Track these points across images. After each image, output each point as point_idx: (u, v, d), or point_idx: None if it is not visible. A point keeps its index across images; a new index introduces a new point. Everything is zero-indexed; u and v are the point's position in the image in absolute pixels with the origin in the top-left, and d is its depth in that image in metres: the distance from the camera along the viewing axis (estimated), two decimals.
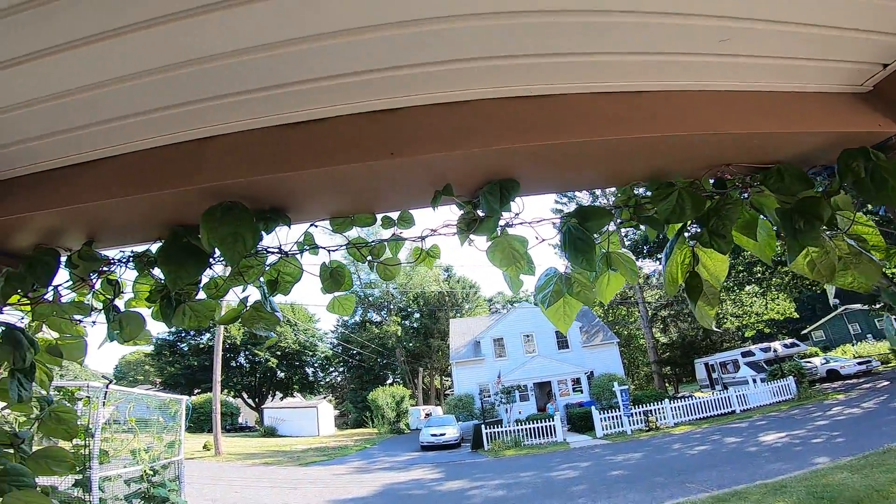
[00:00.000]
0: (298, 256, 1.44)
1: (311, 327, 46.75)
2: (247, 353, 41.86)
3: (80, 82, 1.06)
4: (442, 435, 21.19)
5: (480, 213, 1.33)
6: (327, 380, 50.45)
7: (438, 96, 1.25)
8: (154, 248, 1.45)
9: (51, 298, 1.42)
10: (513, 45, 1.10)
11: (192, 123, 1.22)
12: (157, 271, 1.45)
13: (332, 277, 1.47)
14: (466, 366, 29.25)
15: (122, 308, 1.47)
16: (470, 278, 51.97)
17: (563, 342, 27.75)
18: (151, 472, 6.25)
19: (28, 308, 1.44)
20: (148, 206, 1.26)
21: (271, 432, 33.49)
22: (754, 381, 20.60)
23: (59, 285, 1.41)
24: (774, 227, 1.39)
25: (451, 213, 1.38)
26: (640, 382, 39.02)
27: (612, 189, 1.53)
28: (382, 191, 1.36)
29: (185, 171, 1.22)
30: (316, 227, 1.45)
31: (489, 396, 26.25)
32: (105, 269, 1.42)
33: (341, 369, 49.42)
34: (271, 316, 1.44)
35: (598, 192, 27.39)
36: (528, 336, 28.44)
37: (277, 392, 45.61)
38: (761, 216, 1.36)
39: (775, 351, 23.62)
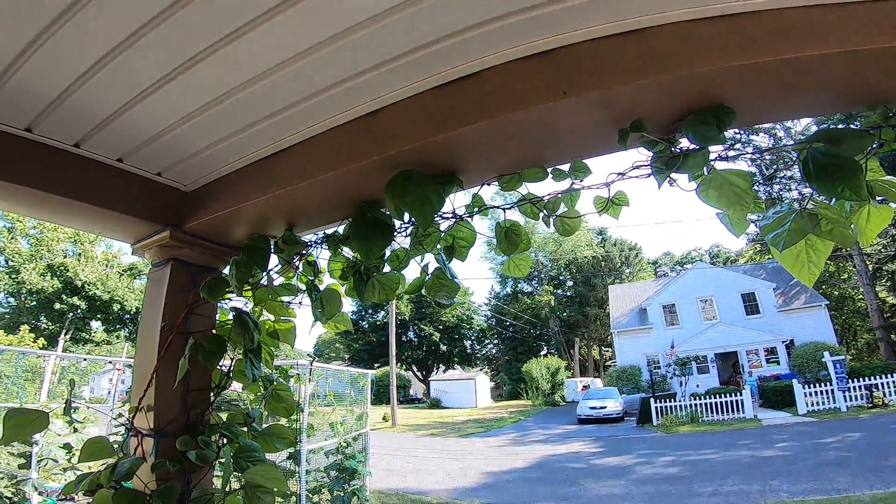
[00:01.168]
0: (469, 220, 1.42)
1: (467, 301, 48.33)
2: (415, 327, 45.45)
3: (276, 59, 1.14)
4: (602, 408, 20.12)
5: (678, 149, 1.13)
6: (483, 352, 52.21)
7: (613, 27, 1.08)
8: (341, 229, 1.52)
9: (265, 282, 1.58)
10: None
11: (362, 97, 1.25)
12: (346, 251, 1.52)
13: (508, 238, 1.42)
14: (630, 335, 27.04)
15: (321, 288, 1.57)
16: (629, 240, 47.62)
17: (752, 307, 23.68)
18: (345, 444, 6.76)
19: (249, 293, 1.59)
20: (334, 186, 1.35)
21: (436, 403, 36.05)
22: None
23: (270, 270, 1.57)
24: None
25: (627, 158, 1.23)
26: (860, 352, 31.37)
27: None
28: (553, 138, 1.25)
29: (362, 145, 1.27)
30: (487, 185, 1.40)
31: (658, 368, 23.70)
32: (304, 252, 1.55)
33: (496, 341, 50.62)
34: (452, 283, 1.44)
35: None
36: (705, 301, 24.99)
37: (441, 365, 48.94)
38: None
39: None
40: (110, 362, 7.96)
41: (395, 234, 1.38)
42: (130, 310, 27.36)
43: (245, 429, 1.55)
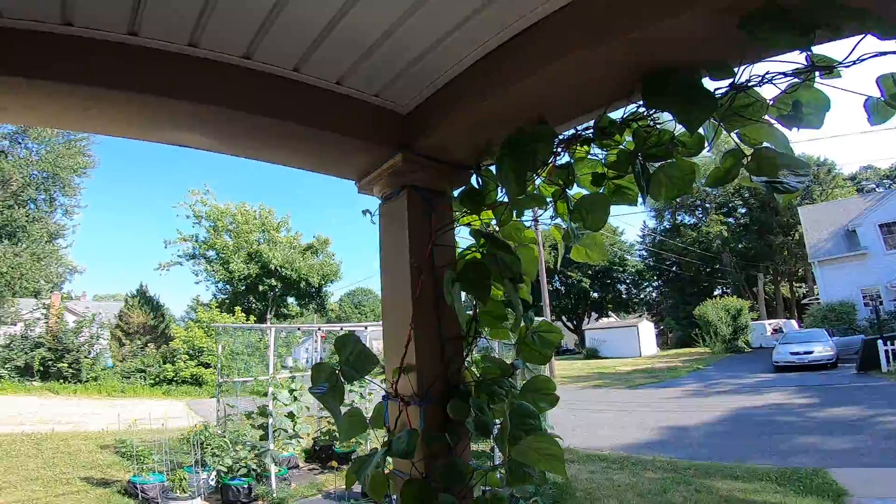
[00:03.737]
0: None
1: (618, 241, 45.47)
2: (560, 276, 44.59)
3: None
4: (807, 353, 17.34)
5: None
6: (641, 296, 49.05)
7: None
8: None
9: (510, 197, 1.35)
10: None
11: None
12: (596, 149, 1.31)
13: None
14: (836, 264, 22.74)
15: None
16: (817, 155, 39.51)
17: None
18: None
19: (491, 215, 1.43)
20: (604, 58, 1.08)
21: (593, 354, 34.92)
22: None
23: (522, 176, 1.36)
24: None
25: None
26: None
27: None
28: None
29: None
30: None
31: (881, 303, 19.58)
32: (559, 150, 1.31)
33: (656, 283, 46.80)
34: (795, 158, 1.08)
35: None
36: None
37: (593, 313, 47.54)
38: None
39: None
40: (318, 328, 9.23)
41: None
42: (315, 285, 31.57)
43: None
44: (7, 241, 22.07)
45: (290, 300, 32.17)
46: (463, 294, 1.28)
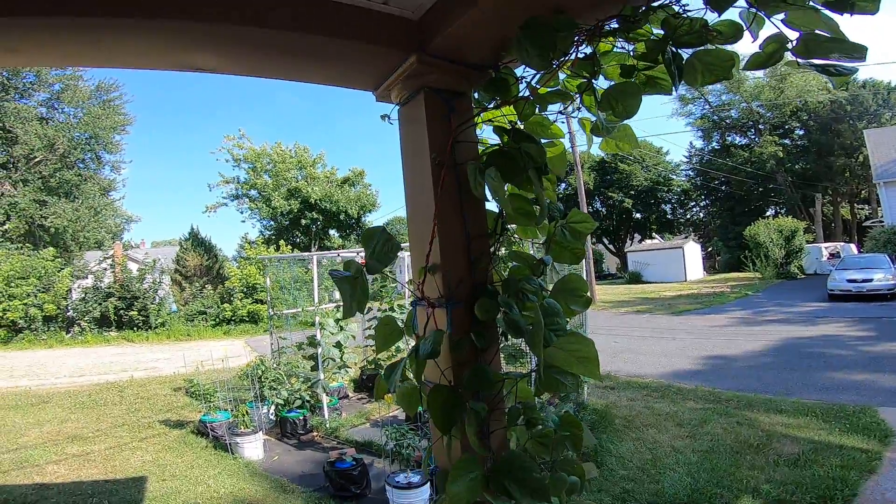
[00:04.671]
0: None
1: (662, 161, 43.46)
2: (601, 197, 43.37)
3: None
4: (866, 281, 16.33)
5: None
6: (687, 216, 47.16)
7: None
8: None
9: (528, 93, 1.29)
10: None
11: None
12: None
13: None
14: None
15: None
16: (885, 80, 36.13)
17: None
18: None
19: (512, 111, 1.36)
20: None
21: (636, 278, 34.11)
22: None
23: (535, 76, 1.28)
24: None
25: None
26: None
27: None
28: None
29: None
30: None
31: None
32: (580, 39, 1.20)
33: (704, 203, 44.76)
34: (849, 42, 0.94)
35: None
36: None
37: (636, 234, 46.37)
38: None
39: None
40: (358, 254, 9.46)
41: None
42: (353, 216, 32.70)
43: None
44: (65, 200, 24.57)
45: (332, 232, 33.45)
46: (487, 192, 1.24)
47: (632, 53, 1.22)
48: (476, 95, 1.49)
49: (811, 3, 0.96)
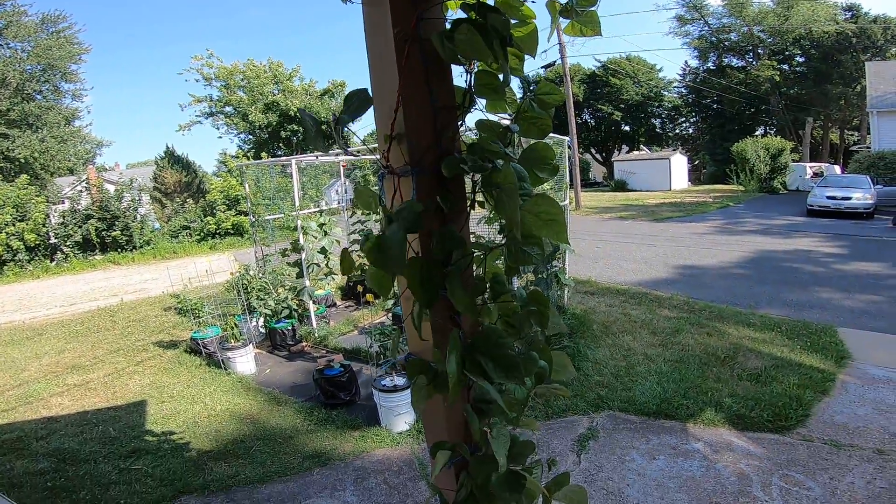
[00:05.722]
0: None
1: (655, 77, 42.25)
2: (590, 108, 42.69)
3: None
4: (845, 199, 16.56)
5: None
6: (676, 131, 46.87)
7: None
8: None
9: None
10: None
11: None
12: None
13: None
14: None
15: None
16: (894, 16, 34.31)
17: None
18: None
19: None
20: None
21: (621, 186, 34.30)
22: None
23: None
24: None
25: None
26: None
27: None
28: None
29: None
30: None
31: None
32: None
33: (694, 119, 44.28)
34: None
35: None
36: None
37: (623, 146, 46.22)
38: None
39: None
40: (339, 159, 9.22)
41: None
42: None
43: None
44: (29, 131, 24.87)
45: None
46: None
47: None
48: None
49: None
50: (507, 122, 1.33)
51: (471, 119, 1.34)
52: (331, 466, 3.95)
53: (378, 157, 1.32)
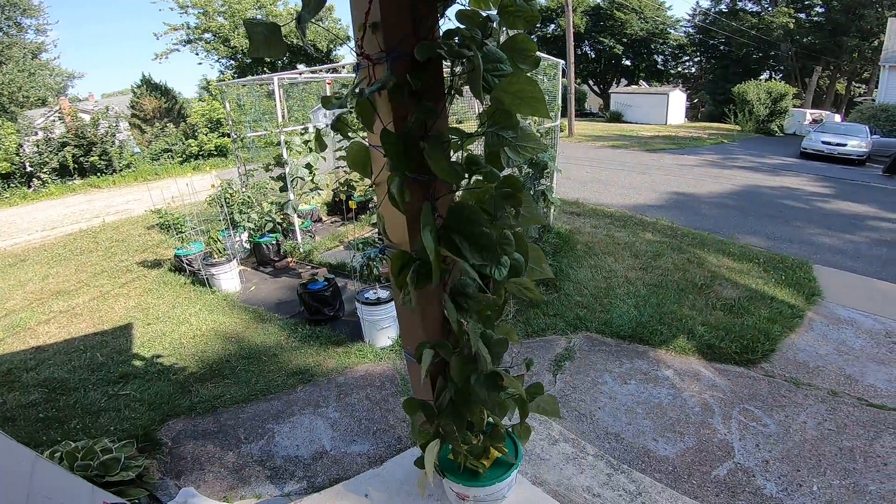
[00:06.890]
0: None
1: (663, 14, 40.27)
2: (591, 40, 41.04)
3: None
4: (840, 145, 16.32)
5: None
6: (679, 69, 45.29)
7: None
8: None
9: None
10: None
11: None
12: None
13: None
14: None
15: None
16: None
17: None
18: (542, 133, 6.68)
19: None
20: None
21: (616, 117, 33.56)
22: None
23: None
24: None
25: None
26: None
27: None
28: None
29: None
30: None
31: None
32: None
33: (698, 59, 42.83)
34: None
35: None
36: None
37: (622, 79, 44.94)
38: None
39: None
40: (324, 77, 8.89)
41: None
42: (323, 49, 30.76)
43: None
44: None
45: (301, 66, 31.53)
46: None
47: None
48: None
49: None
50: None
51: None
52: (314, 383, 4.01)
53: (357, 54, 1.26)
